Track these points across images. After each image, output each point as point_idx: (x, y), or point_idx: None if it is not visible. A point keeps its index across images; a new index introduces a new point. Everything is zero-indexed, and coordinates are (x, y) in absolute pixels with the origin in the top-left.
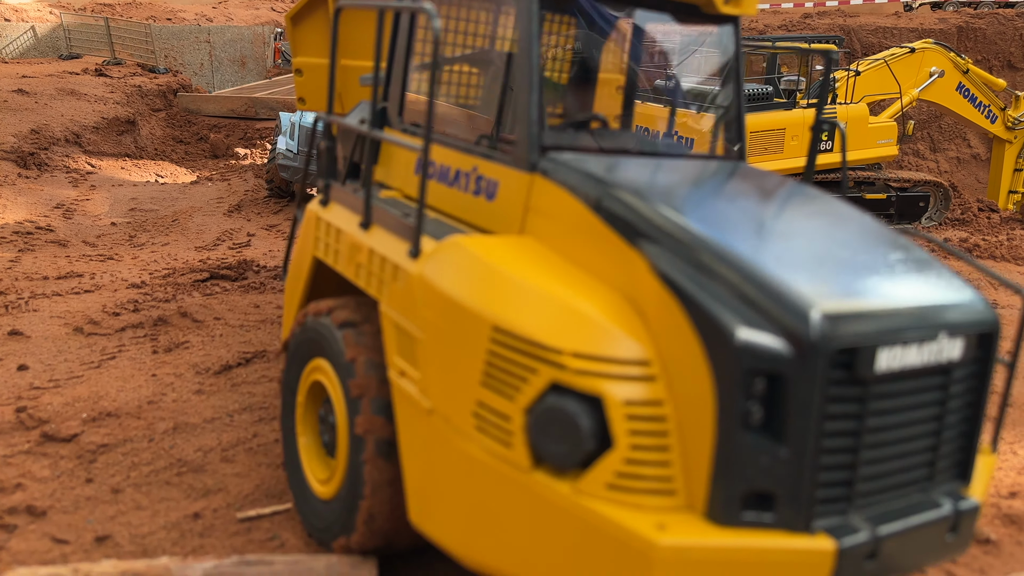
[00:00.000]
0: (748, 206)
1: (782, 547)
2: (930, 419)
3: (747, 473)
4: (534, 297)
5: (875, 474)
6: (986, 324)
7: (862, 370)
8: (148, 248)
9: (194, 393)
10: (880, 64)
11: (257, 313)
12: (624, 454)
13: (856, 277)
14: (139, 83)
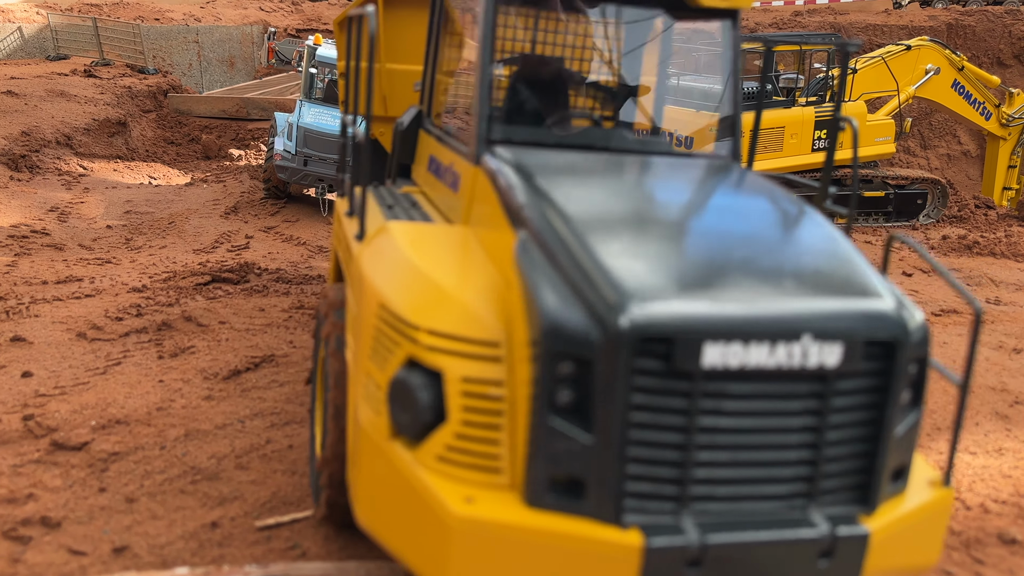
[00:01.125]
0: (649, 200)
1: (582, 535)
2: (801, 429)
3: (554, 456)
4: (416, 279)
5: (718, 478)
6: (884, 332)
7: (685, 363)
8: (146, 251)
9: (203, 399)
10: (877, 62)
11: (262, 317)
12: (455, 429)
13: (710, 272)
14: (129, 84)
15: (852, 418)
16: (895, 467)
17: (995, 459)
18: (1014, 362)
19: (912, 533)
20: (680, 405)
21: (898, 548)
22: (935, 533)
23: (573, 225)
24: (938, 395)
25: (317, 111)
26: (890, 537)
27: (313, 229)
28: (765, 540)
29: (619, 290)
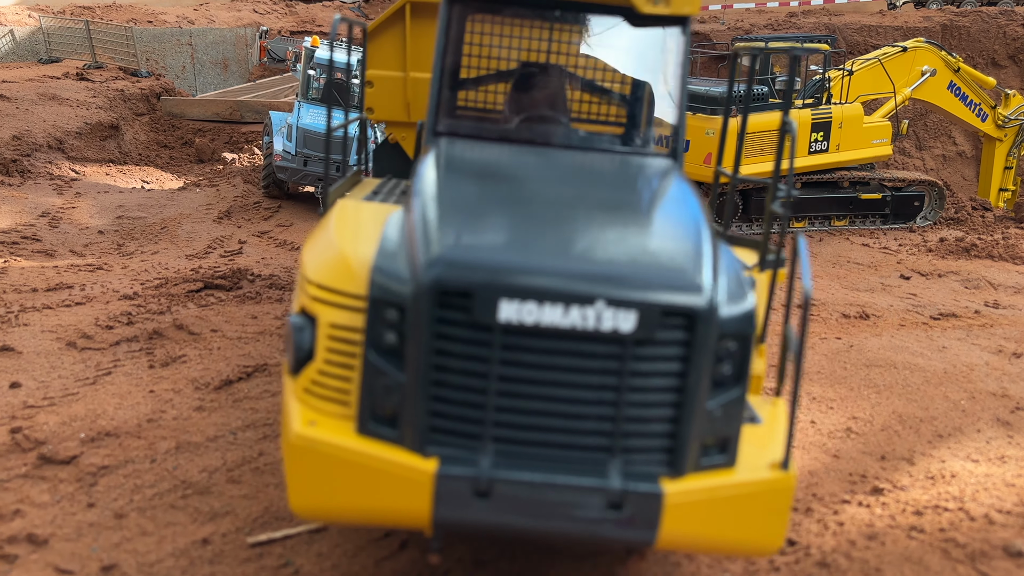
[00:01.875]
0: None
1: (389, 459)
2: (600, 388)
3: (375, 390)
4: (328, 245)
5: (519, 423)
6: (674, 306)
7: (481, 316)
8: (138, 257)
9: (195, 410)
10: (873, 63)
11: (255, 325)
12: (319, 366)
13: (536, 241)
14: (121, 87)
15: (654, 384)
16: (712, 440)
17: (998, 467)
18: (1014, 367)
19: (731, 508)
20: (481, 354)
21: (709, 519)
22: (771, 517)
23: (436, 202)
24: (939, 401)
25: (316, 112)
26: (695, 504)
27: (307, 234)
28: (552, 482)
29: (432, 250)
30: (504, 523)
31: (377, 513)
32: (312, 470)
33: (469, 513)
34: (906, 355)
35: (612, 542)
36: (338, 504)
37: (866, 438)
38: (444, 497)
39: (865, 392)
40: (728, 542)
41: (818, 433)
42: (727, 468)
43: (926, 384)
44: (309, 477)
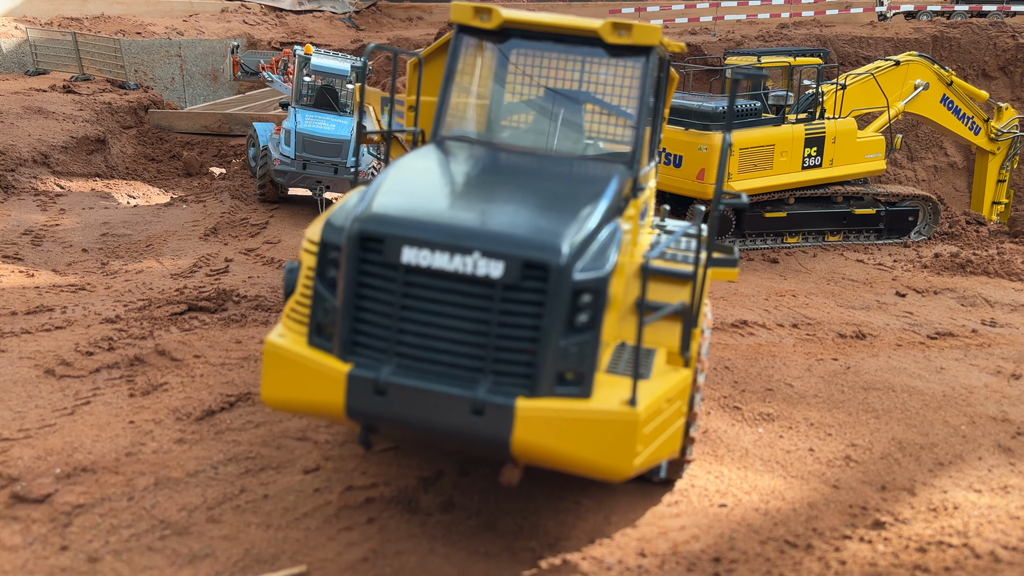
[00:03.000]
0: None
1: (320, 361)
2: (476, 320)
3: (318, 312)
4: (330, 211)
5: (413, 343)
6: (533, 259)
7: (389, 258)
8: (122, 276)
9: (175, 442)
10: (866, 78)
11: (239, 350)
12: (296, 297)
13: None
14: (109, 100)
15: (517, 321)
16: (570, 373)
17: (1001, 498)
18: (1014, 388)
19: (579, 430)
20: (388, 287)
21: (558, 436)
22: (617, 444)
23: (386, 179)
24: (939, 426)
25: (312, 116)
26: (543, 420)
27: (296, 251)
28: (432, 389)
29: (362, 208)
30: (394, 416)
31: (313, 405)
32: (274, 369)
33: (370, 406)
34: (904, 377)
35: (473, 440)
36: (290, 396)
37: (866, 467)
38: (353, 392)
39: (864, 417)
40: (577, 461)
41: (817, 461)
42: (582, 398)
43: (925, 408)
44: (272, 375)
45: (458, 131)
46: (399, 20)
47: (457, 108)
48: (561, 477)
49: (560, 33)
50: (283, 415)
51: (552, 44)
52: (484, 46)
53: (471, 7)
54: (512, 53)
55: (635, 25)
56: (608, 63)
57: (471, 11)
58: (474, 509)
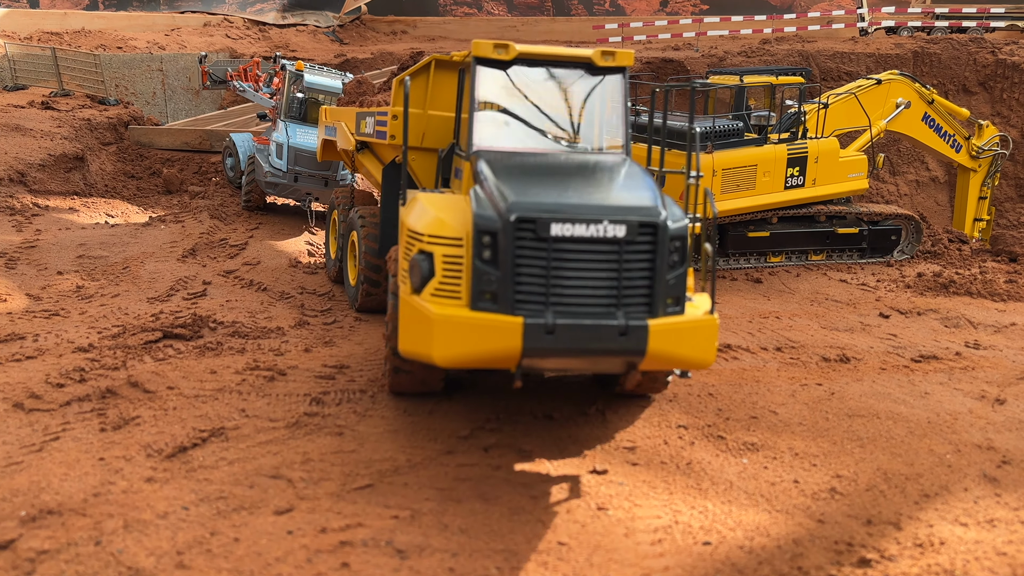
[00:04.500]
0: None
1: (495, 320)
2: (608, 270)
3: (482, 284)
4: (423, 213)
5: (564, 293)
6: (645, 220)
7: (541, 233)
8: (97, 301)
9: (145, 481)
10: (848, 97)
11: (214, 380)
12: (438, 279)
13: (562, 192)
14: (88, 116)
15: (637, 266)
16: (670, 297)
17: (988, 532)
18: (998, 414)
19: (679, 334)
20: (542, 254)
21: (670, 340)
22: (706, 342)
23: (494, 177)
24: (924, 455)
25: (303, 131)
26: (664, 332)
27: (276, 273)
28: (587, 323)
29: (507, 199)
30: (562, 348)
31: (490, 353)
32: (449, 333)
33: (543, 344)
34: (888, 403)
35: (621, 353)
36: (466, 351)
37: (851, 499)
38: (529, 336)
39: (848, 446)
40: (684, 358)
41: (802, 494)
42: (680, 315)
43: (910, 436)
44: (447, 338)
45: (488, 143)
46: (383, 34)
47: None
48: (542, 514)
49: (562, 60)
50: (256, 452)
51: (552, 68)
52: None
53: (491, 44)
54: (520, 77)
55: (617, 51)
56: (595, 80)
57: (491, 47)
58: (451, 551)
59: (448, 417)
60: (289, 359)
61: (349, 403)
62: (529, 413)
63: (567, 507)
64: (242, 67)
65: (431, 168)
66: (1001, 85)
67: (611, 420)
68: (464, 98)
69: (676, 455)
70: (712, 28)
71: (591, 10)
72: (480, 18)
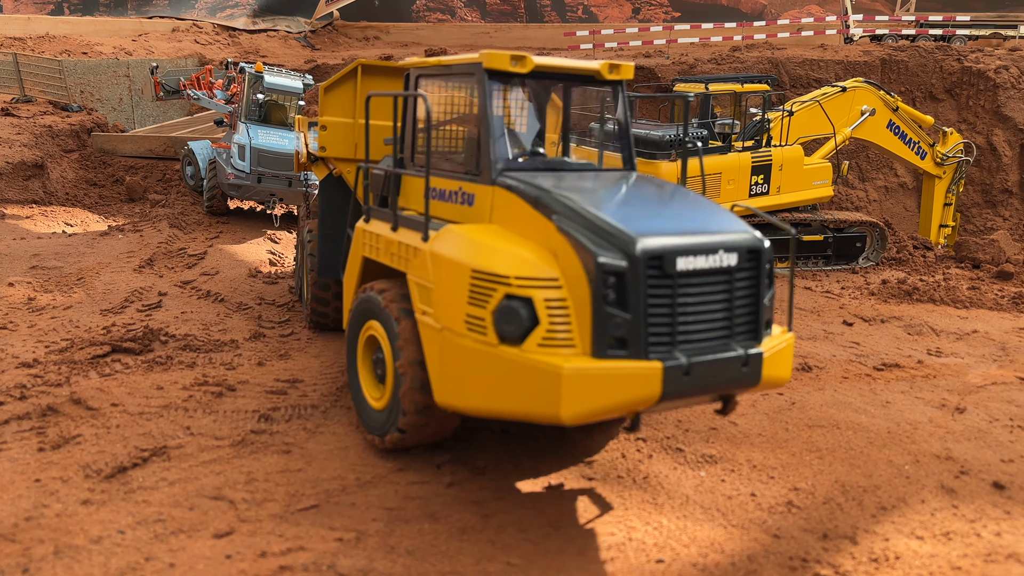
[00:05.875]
0: (611, 190)
1: (632, 367)
2: (723, 300)
3: (609, 329)
4: (491, 250)
5: (689, 329)
6: (752, 246)
7: (668, 269)
8: (48, 313)
9: (81, 504)
10: (812, 104)
11: (160, 397)
12: (545, 327)
13: (666, 222)
14: (50, 123)
15: (745, 292)
16: (766, 320)
17: (943, 545)
18: (957, 423)
19: (778, 357)
20: (669, 292)
21: (774, 364)
22: (788, 360)
23: (587, 210)
24: (883, 466)
25: (266, 132)
26: (770, 357)
27: (234, 283)
28: (718, 358)
29: (629, 235)
30: (696, 387)
31: (623, 405)
32: (582, 388)
33: (680, 386)
34: (849, 412)
35: (744, 385)
36: (597, 406)
37: (808, 512)
38: (668, 380)
39: (807, 458)
40: (779, 379)
41: (758, 508)
42: (771, 335)
43: (869, 446)
44: (580, 394)
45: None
46: (355, 40)
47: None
48: (493, 533)
49: (572, 73)
50: (198, 472)
51: (560, 80)
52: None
53: (507, 55)
54: (531, 91)
55: (621, 64)
56: (600, 93)
57: (507, 59)
58: (396, 575)
59: None
60: (240, 373)
61: (300, 419)
62: (486, 428)
63: (519, 526)
64: (195, 76)
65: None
66: (967, 92)
67: (569, 433)
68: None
69: (633, 468)
70: (683, 35)
71: (564, 17)
72: (453, 24)
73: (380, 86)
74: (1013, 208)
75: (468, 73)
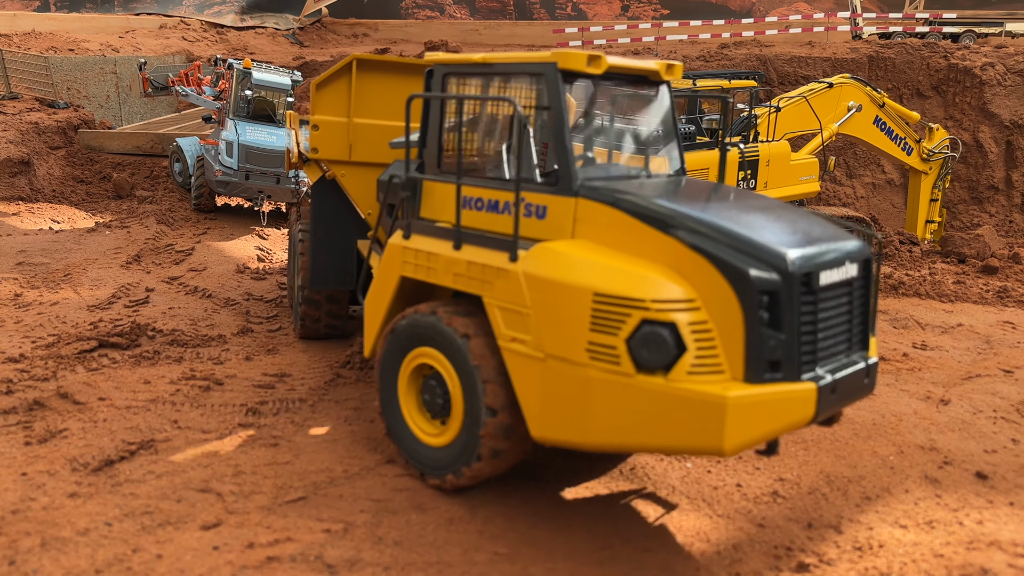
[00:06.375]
0: (706, 198)
1: (790, 390)
2: (847, 311)
3: (764, 351)
4: (612, 271)
5: (826, 345)
6: (866, 255)
7: (814, 285)
8: (35, 309)
9: (68, 496)
10: (799, 100)
11: (147, 391)
12: (693, 353)
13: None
14: (36, 119)
15: (860, 302)
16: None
17: (926, 534)
18: (943, 415)
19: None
20: (812, 308)
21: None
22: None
23: (703, 219)
24: (867, 457)
25: (254, 129)
26: (878, 367)
27: (222, 279)
28: (854, 371)
29: (777, 251)
30: (840, 403)
31: (779, 430)
32: (745, 417)
33: (829, 405)
34: None
35: (864, 395)
36: (759, 433)
37: (793, 503)
38: (821, 401)
39: (793, 449)
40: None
41: (744, 498)
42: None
43: (855, 438)
44: (743, 423)
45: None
46: (344, 37)
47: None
48: (481, 524)
49: (633, 73)
50: (186, 465)
51: (619, 82)
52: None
53: (584, 55)
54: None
55: (676, 64)
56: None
57: (584, 59)
58: (383, 565)
59: None
60: (228, 368)
61: (287, 412)
62: None
63: (507, 516)
64: (183, 72)
65: (365, 185)
66: (953, 89)
67: None
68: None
69: (619, 459)
70: (671, 33)
71: (553, 14)
72: (442, 21)
73: (377, 82)
74: (999, 204)
75: (533, 73)
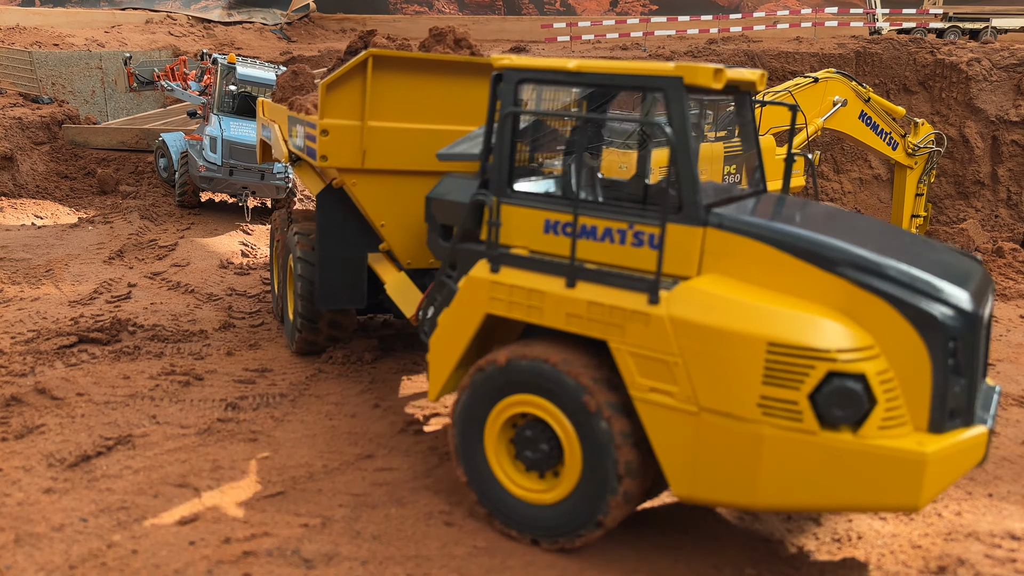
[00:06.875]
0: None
1: (971, 437)
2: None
3: (950, 399)
4: (781, 316)
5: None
6: (993, 285)
7: (984, 323)
8: (15, 305)
9: (43, 492)
10: (785, 95)
11: (126, 386)
12: (884, 407)
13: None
14: (19, 115)
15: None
16: None
17: (904, 525)
18: None
19: None
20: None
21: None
22: None
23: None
24: None
25: (238, 124)
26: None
27: (205, 274)
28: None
29: (953, 291)
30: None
31: (959, 476)
32: (938, 472)
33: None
34: None
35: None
36: (944, 485)
37: None
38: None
39: None
40: None
41: None
42: None
43: None
44: (935, 478)
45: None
46: (332, 32)
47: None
48: (460, 519)
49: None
50: (163, 460)
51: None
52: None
53: (711, 69)
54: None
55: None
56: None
57: (711, 73)
58: (361, 559)
59: (371, 421)
60: (209, 363)
61: (267, 407)
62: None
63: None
64: (169, 66)
65: (378, 194)
66: (940, 84)
67: None
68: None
69: None
70: (659, 28)
71: (542, 9)
72: (431, 16)
73: (395, 81)
74: (985, 199)
75: (651, 88)
